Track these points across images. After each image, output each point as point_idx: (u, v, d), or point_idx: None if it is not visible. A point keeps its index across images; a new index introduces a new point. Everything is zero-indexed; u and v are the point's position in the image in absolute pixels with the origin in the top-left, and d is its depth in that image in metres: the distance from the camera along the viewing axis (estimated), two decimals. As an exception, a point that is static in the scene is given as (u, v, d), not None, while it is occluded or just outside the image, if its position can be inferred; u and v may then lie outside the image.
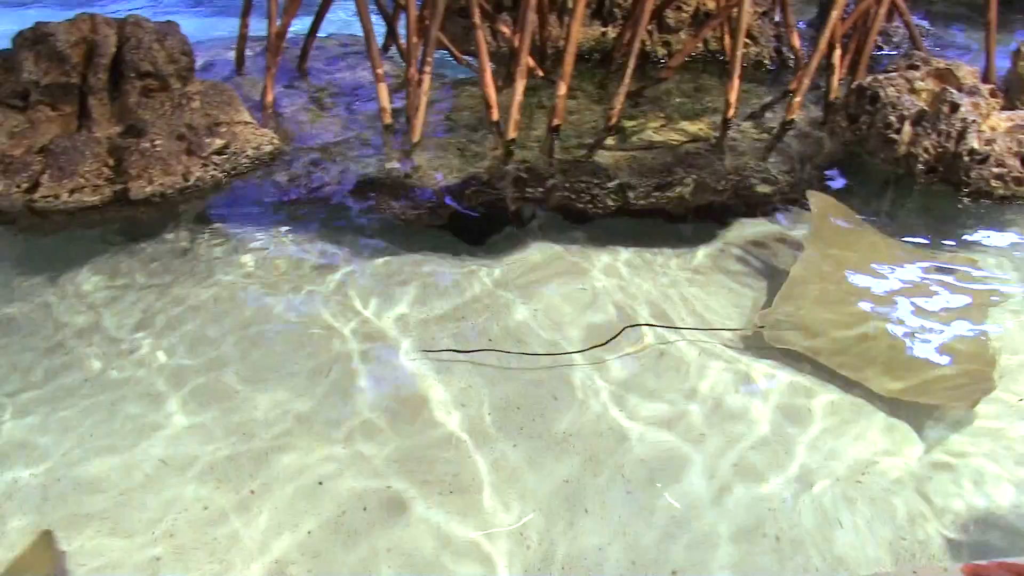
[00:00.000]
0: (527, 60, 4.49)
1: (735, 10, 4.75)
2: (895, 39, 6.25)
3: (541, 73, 5.09)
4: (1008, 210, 4.02)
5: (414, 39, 4.48)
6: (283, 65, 5.13)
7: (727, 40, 5.25)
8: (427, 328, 3.16)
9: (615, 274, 3.52)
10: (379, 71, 4.50)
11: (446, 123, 4.60)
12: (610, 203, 3.88)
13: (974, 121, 4.05)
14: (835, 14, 4.72)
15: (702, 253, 3.71)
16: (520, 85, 4.34)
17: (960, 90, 4.23)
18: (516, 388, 2.87)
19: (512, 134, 4.31)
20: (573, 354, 3.02)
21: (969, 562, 1.78)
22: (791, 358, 3.03)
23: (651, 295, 3.37)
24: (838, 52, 4.96)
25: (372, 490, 2.48)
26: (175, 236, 3.72)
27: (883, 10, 5.33)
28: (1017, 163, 4.02)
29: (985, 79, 4.94)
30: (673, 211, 3.93)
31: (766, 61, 5.67)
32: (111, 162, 3.86)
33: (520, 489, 2.49)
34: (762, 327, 3.09)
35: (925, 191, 4.15)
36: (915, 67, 4.50)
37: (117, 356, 3.01)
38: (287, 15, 4.79)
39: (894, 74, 4.45)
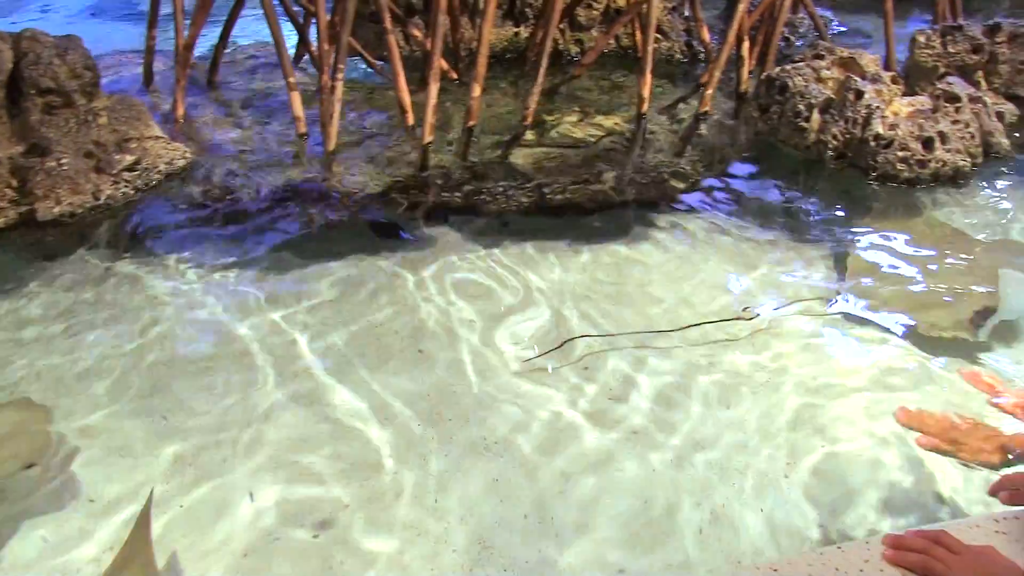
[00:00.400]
0: (440, 63, 4.49)
1: (644, 6, 4.80)
2: (801, 30, 6.40)
3: (455, 75, 5.09)
4: (913, 192, 4.14)
5: (325, 46, 4.44)
6: (193, 77, 5.04)
7: (638, 36, 5.31)
8: (349, 334, 3.13)
9: (533, 271, 3.51)
10: (291, 80, 4.45)
11: (361, 129, 4.57)
12: (525, 200, 3.89)
13: (878, 107, 4.16)
14: (742, 8, 4.81)
15: (616, 247, 3.72)
16: (434, 88, 4.33)
17: (863, 78, 4.34)
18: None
19: (428, 137, 4.30)
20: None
21: (888, 533, 1.82)
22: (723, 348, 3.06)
23: (572, 292, 3.38)
24: (746, 44, 5.06)
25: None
26: (87, 257, 3.62)
27: (788, 2, 5.45)
28: (919, 146, 4.14)
29: (886, 66, 5.08)
30: (589, 207, 3.95)
31: (678, 55, 5.75)
32: (14, 183, 3.74)
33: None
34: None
35: (836, 176, 4.25)
36: (820, 57, 4.60)
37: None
38: (194, 26, 4.71)
39: (801, 64, 4.55)
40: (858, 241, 3.82)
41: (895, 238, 3.83)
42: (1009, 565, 1.62)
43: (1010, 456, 2.42)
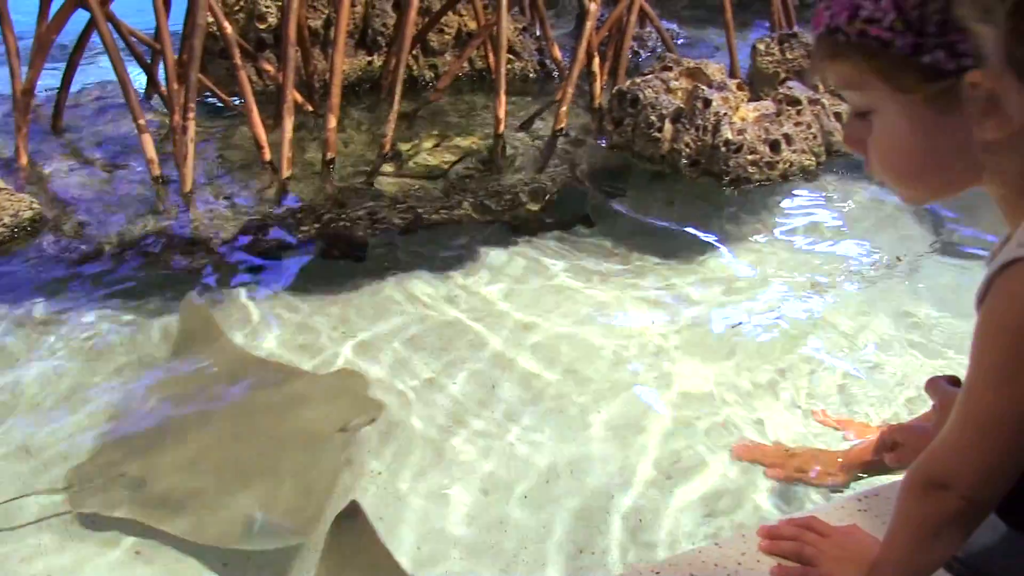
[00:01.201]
0: (293, 96, 4.44)
1: (495, 28, 4.86)
2: (649, 44, 6.58)
3: (311, 107, 5.04)
4: (765, 192, 4.33)
5: (174, 85, 4.34)
6: (36, 123, 4.84)
7: (491, 58, 5.36)
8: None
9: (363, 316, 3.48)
10: (141, 122, 4.32)
11: (218, 167, 4.48)
12: (395, 223, 3.90)
13: (726, 114, 4.31)
14: (589, 25, 4.93)
15: (471, 272, 3.74)
16: (288, 122, 4.28)
17: (710, 86, 4.49)
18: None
19: (286, 172, 4.24)
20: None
21: (763, 525, 1.88)
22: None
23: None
24: (597, 60, 5.17)
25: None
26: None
27: (634, 17, 5.61)
28: (767, 149, 4.31)
29: (731, 74, 5.28)
30: (451, 229, 3.97)
31: (531, 74, 5.84)
32: None
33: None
34: None
35: (692, 183, 4.38)
36: (668, 68, 4.74)
37: None
38: (33, 69, 4.52)
39: (650, 76, 4.68)
40: (719, 246, 3.95)
41: (753, 239, 3.99)
42: (870, 540, 1.70)
43: (858, 473, 2.51)
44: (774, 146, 4.34)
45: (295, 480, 2.42)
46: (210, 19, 4.50)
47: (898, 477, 1.53)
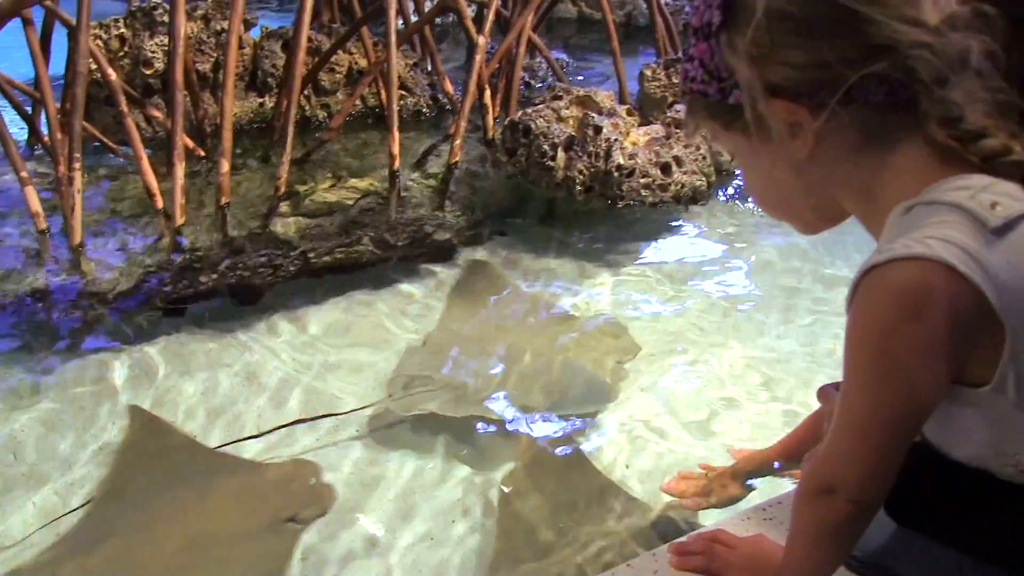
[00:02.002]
0: (184, 142, 4.38)
1: (386, 65, 4.88)
2: (540, 74, 6.69)
3: (202, 153, 4.96)
4: (657, 214, 4.45)
5: (58, 135, 4.23)
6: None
7: (383, 94, 5.37)
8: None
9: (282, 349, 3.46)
10: (23, 174, 4.18)
11: (109, 217, 4.36)
12: (291, 268, 3.85)
13: (616, 139, 4.40)
14: (478, 58, 4.98)
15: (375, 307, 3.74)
16: (180, 168, 4.21)
17: (601, 113, 4.58)
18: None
19: (180, 220, 4.16)
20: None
21: (673, 542, 1.92)
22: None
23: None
24: (488, 92, 5.22)
25: None
26: None
27: (523, 49, 5.70)
28: (658, 172, 4.41)
29: (621, 100, 5.39)
30: (352, 269, 3.95)
31: (424, 109, 5.87)
32: None
33: None
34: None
35: (588, 209, 4.45)
36: (559, 97, 4.81)
37: None
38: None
39: (541, 106, 4.75)
40: (616, 268, 4.03)
41: (648, 260, 4.08)
42: (776, 548, 1.75)
43: (748, 483, 2.57)
44: (665, 169, 4.44)
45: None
46: (93, 66, 4.41)
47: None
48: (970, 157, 1.29)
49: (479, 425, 2.93)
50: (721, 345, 3.43)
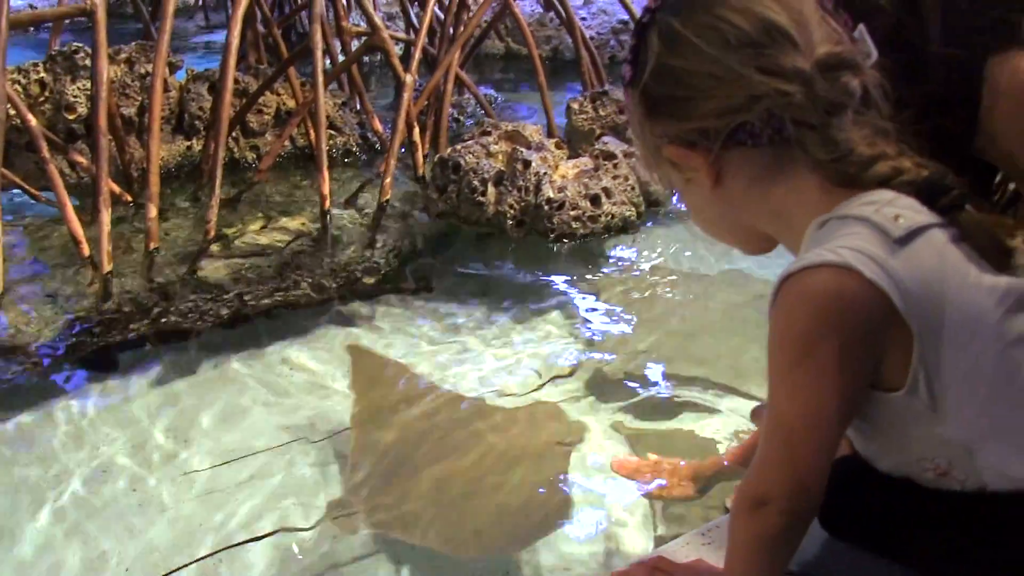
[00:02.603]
0: (109, 187, 4.32)
1: (314, 105, 4.88)
2: (469, 110, 6.74)
3: (129, 198, 4.90)
4: (589, 246, 4.50)
5: (-27, 184, 4.15)
6: None
7: (312, 134, 5.37)
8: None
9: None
10: (-59, 225, 4.10)
11: (32, 267, 4.27)
12: (222, 313, 3.82)
13: (546, 173, 4.45)
14: (406, 96, 5.01)
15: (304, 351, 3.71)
16: (105, 214, 4.15)
17: (529, 147, 4.64)
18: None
19: (107, 267, 4.09)
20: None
21: (614, 571, 1.93)
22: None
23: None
24: (417, 130, 5.25)
25: None
26: None
27: (450, 86, 5.75)
28: (588, 203, 4.47)
29: (549, 134, 5.46)
30: (284, 312, 3.92)
31: (354, 148, 5.87)
32: None
33: None
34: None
35: (520, 244, 4.49)
36: (488, 133, 4.87)
37: None
38: None
39: (470, 142, 4.79)
40: (549, 301, 4.06)
41: (582, 293, 4.12)
42: (715, 571, 1.77)
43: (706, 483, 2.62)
44: (595, 200, 4.50)
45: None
46: (12, 111, 4.34)
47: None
48: (863, 183, 1.39)
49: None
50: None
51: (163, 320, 3.77)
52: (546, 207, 4.39)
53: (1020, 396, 1.35)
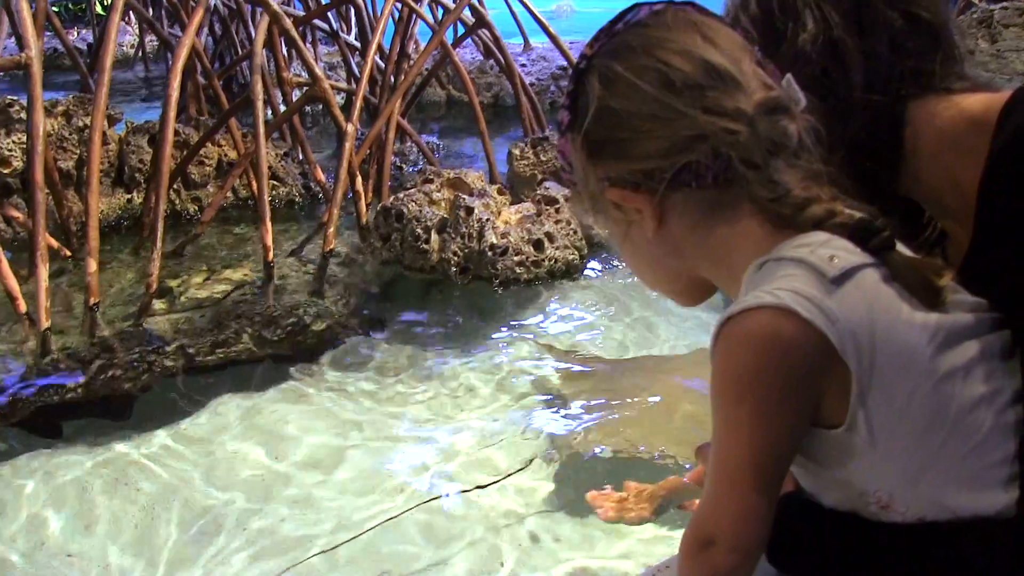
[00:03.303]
0: (47, 242, 4.26)
1: (255, 155, 4.87)
2: (412, 158, 6.78)
3: (68, 252, 4.83)
4: (533, 290, 4.53)
5: (-91, 242, 4.07)
6: None
7: (254, 185, 5.35)
8: None
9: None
10: None
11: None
12: (168, 365, 3.76)
13: (488, 219, 4.49)
14: (348, 145, 5.02)
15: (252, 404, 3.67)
16: (43, 270, 4.08)
17: (472, 194, 4.68)
18: None
19: (45, 323, 4.02)
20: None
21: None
22: None
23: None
24: (359, 179, 5.25)
25: None
26: None
27: (392, 134, 5.78)
28: (531, 248, 4.51)
29: (491, 180, 5.51)
30: (228, 365, 3.88)
31: (297, 198, 5.86)
32: None
33: None
34: None
35: (465, 290, 4.50)
36: (430, 180, 4.90)
37: None
38: None
39: (413, 190, 4.81)
40: (495, 347, 4.07)
41: (526, 336, 4.14)
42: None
43: (660, 507, 2.62)
44: (538, 245, 4.54)
45: None
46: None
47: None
48: (800, 224, 1.43)
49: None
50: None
51: (104, 375, 3.71)
52: (489, 253, 4.42)
53: (952, 428, 1.40)
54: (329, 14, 7.75)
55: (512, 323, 4.27)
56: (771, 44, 1.62)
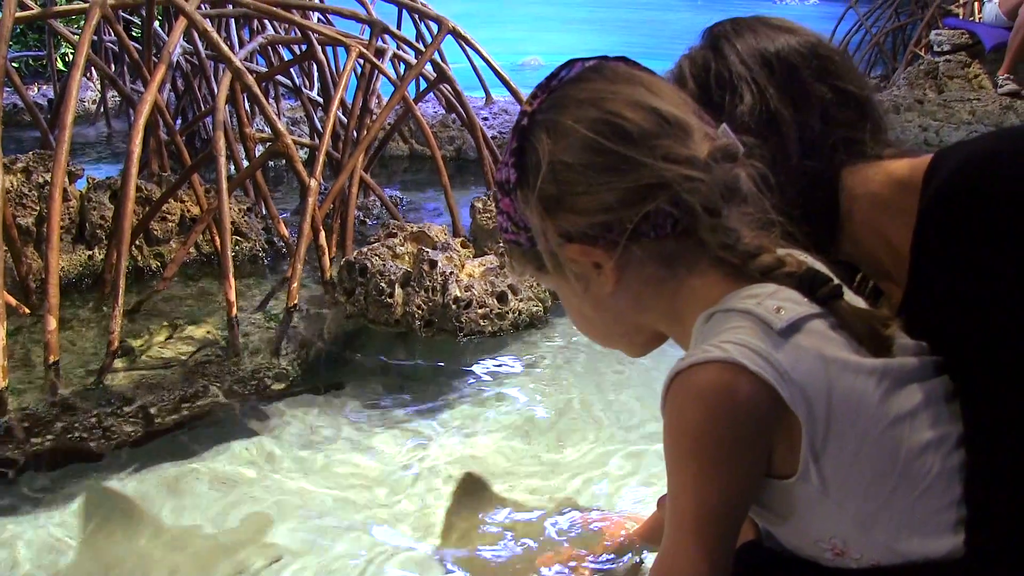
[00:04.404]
0: (5, 299, 4.22)
1: (219, 211, 4.88)
2: (375, 211, 6.81)
3: (26, 310, 4.79)
4: (497, 343, 4.57)
5: None
6: None
7: (217, 241, 5.35)
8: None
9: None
10: None
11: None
12: (127, 429, 3.72)
13: (452, 273, 4.52)
14: (311, 200, 5.04)
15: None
16: (0, 328, 4.05)
17: (435, 248, 4.71)
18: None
19: (2, 382, 3.97)
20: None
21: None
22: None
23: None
24: (323, 234, 5.27)
25: None
26: None
27: (355, 189, 5.82)
28: (495, 301, 4.55)
29: (454, 233, 5.55)
30: (191, 424, 3.84)
31: (260, 253, 5.86)
32: None
33: None
34: None
35: (430, 343, 4.52)
36: (393, 235, 4.93)
37: None
38: None
39: (377, 244, 4.84)
40: (461, 400, 4.08)
41: (493, 391, 4.16)
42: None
43: (607, 543, 2.65)
44: (501, 298, 4.58)
45: None
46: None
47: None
48: (749, 272, 1.47)
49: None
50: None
51: (66, 436, 3.66)
52: (453, 306, 4.45)
53: (901, 473, 1.43)
54: (292, 69, 7.82)
55: (475, 376, 4.28)
56: (710, 115, 1.70)
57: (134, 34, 9.57)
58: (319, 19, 7.65)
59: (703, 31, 1.91)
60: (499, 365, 4.38)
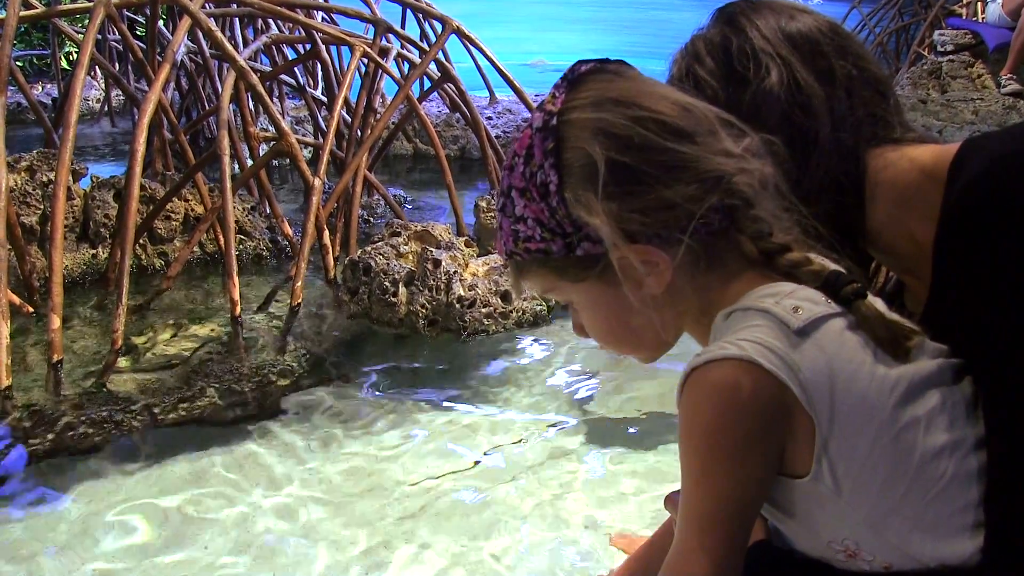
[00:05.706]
0: (8, 298, 4.22)
1: (222, 210, 4.87)
2: (379, 211, 6.81)
3: (30, 309, 4.78)
4: (501, 341, 4.56)
5: None
6: None
7: (221, 240, 5.34)
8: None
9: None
10: None
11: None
12: (135, 425, 3.72)
13: (456, 272, 4.51)
14: (315, 200, 5.04)
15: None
16: (3, 327, 4.04)
17: (439, 247, 4.70)
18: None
19: (6, 381, 3.97)
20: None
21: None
22: None
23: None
24: (326, 233, 5.27)
25: None
26: None
27: (359, 188, 5.81)
28: (499, 300, 4.54)
29: (458, 233, 5.54)
30: (198, 423, 3.84)
31: (265, 253, 5.85)
32: None
33: None
34: None
35: (433, 342, 4.51)
36: (397, 234, 4.92)
37: None
38: None
39: (381, 244, 4.83)
40: (464, 400, 4.07)
41: (495, 388, 4.14)
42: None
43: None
44: (505, 297, 4.57)
45: None
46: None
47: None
48: (777, 267, 1.45)
49: None
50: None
51: (68, 434, 3.66)
52: (457, 305, 4.44)
53: (914, 477, 1.42)
54: (295, 69, 7.81)
55: (479, 375, 4.28)
56: (734, 91, 1.66)
57: (138, 33, 9.59)
58: (323, 18, 7.65)
59: (713, 12, 1.84)
60: (503, 364, 4.37)
